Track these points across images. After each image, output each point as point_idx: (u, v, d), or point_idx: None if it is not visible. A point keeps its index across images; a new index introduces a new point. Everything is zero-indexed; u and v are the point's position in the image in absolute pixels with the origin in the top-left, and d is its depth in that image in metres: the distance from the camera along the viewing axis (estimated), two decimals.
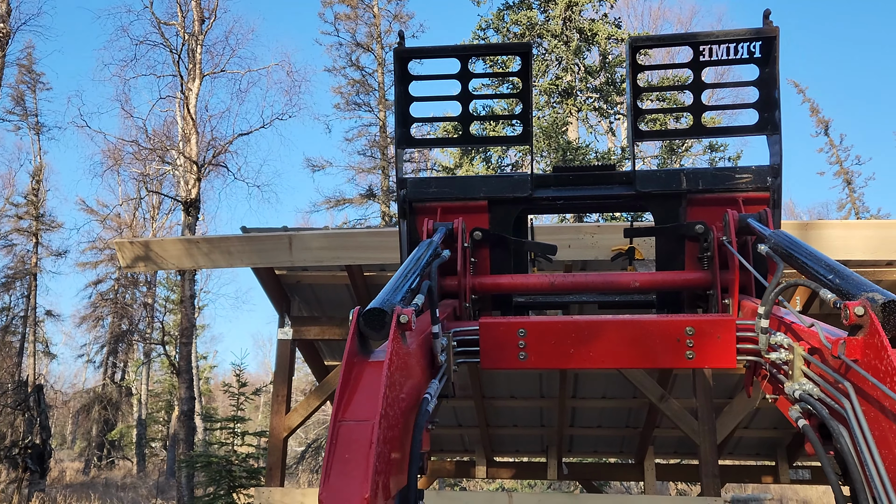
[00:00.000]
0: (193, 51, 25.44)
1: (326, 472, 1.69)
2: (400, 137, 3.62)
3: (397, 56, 3.55)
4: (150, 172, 28.97)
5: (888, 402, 1.64)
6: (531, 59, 3.58)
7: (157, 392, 38.08)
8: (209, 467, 14.66)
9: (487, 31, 28.39)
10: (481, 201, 3.54)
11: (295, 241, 6.59)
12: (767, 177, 3.35)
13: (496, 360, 2.70)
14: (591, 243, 6.45)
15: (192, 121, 24.36)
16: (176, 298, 31.61)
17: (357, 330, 2.01)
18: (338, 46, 33.31)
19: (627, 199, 3.57)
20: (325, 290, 7.92)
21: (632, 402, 10.32)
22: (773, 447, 11.38)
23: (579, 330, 2.64)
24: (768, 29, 3.25)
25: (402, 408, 1.99)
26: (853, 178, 36.40)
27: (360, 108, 33.58)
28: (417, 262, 2.70)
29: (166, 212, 34.11)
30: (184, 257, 6.78)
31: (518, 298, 3.80)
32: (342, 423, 1.79)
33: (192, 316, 23.18)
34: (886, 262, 6.88)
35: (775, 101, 3.32)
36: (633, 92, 3.51)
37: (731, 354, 2.55)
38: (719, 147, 28.43)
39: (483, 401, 10.31)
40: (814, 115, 37.24)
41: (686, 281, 3.35)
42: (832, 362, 1.92)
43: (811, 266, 2.31)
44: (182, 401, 21.77)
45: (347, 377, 1.90)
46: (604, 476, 13.03)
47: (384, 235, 6.68)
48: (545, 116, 27.74)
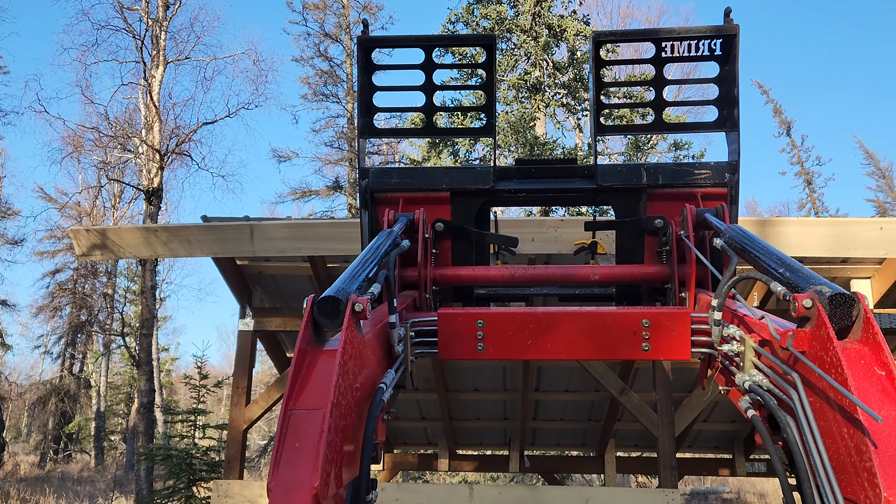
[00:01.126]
0: (157, 37, 24.94)
1: (276, 462, 1.67)
2: (363, 127, 3.60)
3: (361, 45, 3.52)
4: (111, 160, 28.35)
5: (833, 392, 1.67)
6: (496, 51, 3.57)
7: (117, 384, 37.40)
8: (169, 460, 14.43)
9: (457, 24, 28.37)
10: (443, 192, 3.53)
11: (256, 231, 6.51)
12: (725, 173, 3.40)
13: (454, 351, 2.70)
14: (554, 237, 6.49)
15: (156, 108, 23.91)
16: (137, 289, 31.05)
17: (311, 318, 1.99)
18: (306, 36, 33.00)
19: (588, 193, 3.59)
20: (288, 281, 7.84)
21: (594, 395, 10.43)
22: (730, 440, 11.61)
23: (537, 321, 2.65)
24: (728, 27, 3.29)
25: (356, 397, 1.97)
26: (813, 178, 37.27)
27: (327, 98, 33.33)
28: (376, 251, 2.68)
29: (128, 201, 33.46)
30: (141, 246, 6.64)
31: (479, 290, 3.80)
32: (293, 412, 1.77)
33: (153, 307, 22.80)
34: (841, 259, 7.04)
35: (734, 99, 3.37)
36: (596, 86, 3.53)
37: (686, 347, 2.58)
38: (684, 145, 28.85)
39: (446, 394, 10.32)
40: (777, 115, 38.03)
41: (645, 274, 3.39)
42: (781, 354, 1.95)
43: (763, 260, 2.35)
44: (142, 393, 21.41)
45: (300, 366, 1.87)
46: (565, 469, 13.16)
47: (347, 226, 6.63)
48: (513, 111, 27.84)
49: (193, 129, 26.40)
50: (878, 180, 37.96)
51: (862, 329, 1.80)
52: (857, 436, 1.57)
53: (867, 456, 1.52)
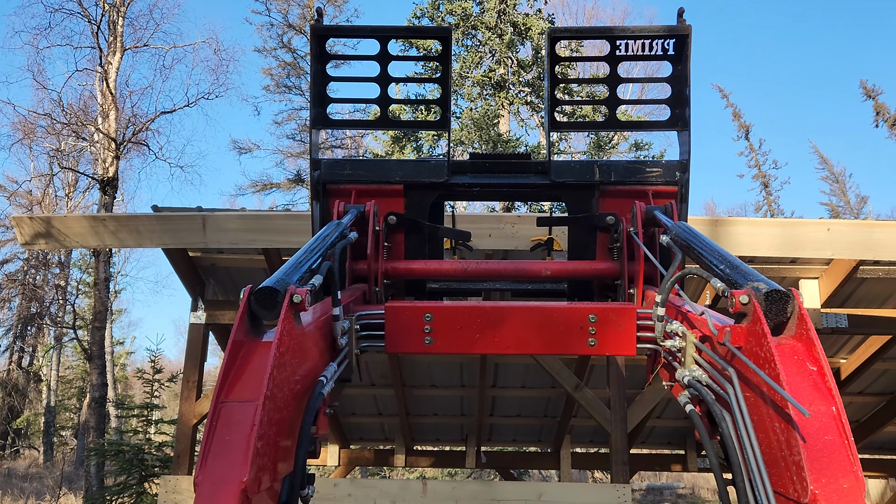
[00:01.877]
0: (114, 23, 24.32)
1: (204, 455, 1.62)
2: (315, 117, 3.55)
3: (314, 33, 3.47)
4: (64, 148, 27.59)
5: (766, 387, 1.69)
6: (451, 43, 3.55)
7: (69, 378, 36.46)
8: (120, 456, 14.14)
9: (423, 19, 28.26)
10: (397, 185, 3.50)
11: (209, 222, 6.38)
12: (676, 171, 3.44)
13: (401, 345, 2.68)
14: (511, 233, 6.50)
15: (112, 96, 23.33)
16: (90, 281, 30.31)
17: (248, 309, 1.94)
18: (269, 27, 32.48)
19: (542, 189, 3.60)
20: (242, 274, 7.72)
21: (550, 391, 10.51)
22: (683, 436, 11.81)
23: (485, 315, 2.64)
24: (681, 27, 3.32)
25: (294, 390, 1.93)
26: (770, 181, 38.09)
27: (290, 91, 32.88)
28: (322, 242, 2.64)
29: (82, 190, 32.60)
30: (88, 235, 6.46)
31: (432, 285, 3.78)
32: (224, 405, 1.72)
33: (106, 299, 22.28)
34: (790, 260, 7.19)
35: (686, 99, 3.40)
36: (551, 82, 3.53)
37: (631, 342, 2.60)
38: (645, 146, 29.24)
39: (403, 389, 10.29)
40: (736, 119, 38.75)
41: (595, 270, 3.41)
42: (720, 349, 1.97)
43: (706, 257, 2.37)
44: (94, 387, 20.91)
45: (233, 357, 1.83)
46: (521, 464, 13.25)
47: (302, 219, 6.54)
48: (477, 108, 27.88)
49: (151, 119, 25.82)
50: (832, 185, 39.03)
51: (796, 325, 1.83)
52: (787, 430, 1.59)
53: (796, 450, 1.54)
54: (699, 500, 27.96)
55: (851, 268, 7.01)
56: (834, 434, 1.58)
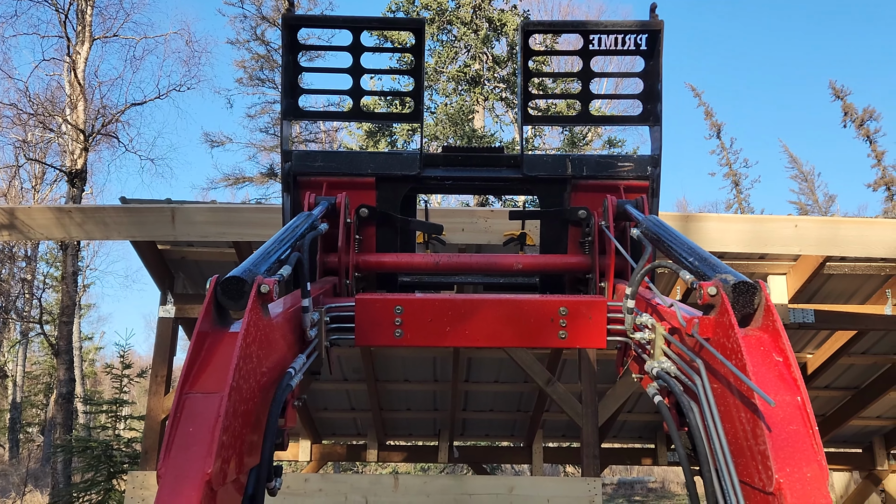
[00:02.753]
0: (83, 12, 23.85)
1: (167, 447, 1.59)
2: (287, 108, 3.51)
3: (286, 23, 3.43)
4: (31, 139, 27.02)
5: (733, 378, 1.70)
6: (424, 35, 3.52)
7: (35, 374, 35.81)
8: (88, 452, 13.91)
9: (397, 13, 28.14)
10: (368, 178, 3.47)
11: (178, 215, 6.29)
12: (648, 166, 3.45)
13: (371, 337, 2.66)
14: (484, 227, 6.50)
15: (80, 86, 22.89)
16: (58, 275, 29.76)
17: (214, 299, 1.91)
18: (242, 18, 32.09)
19: (514, 182, 3.59)
20: (212, 268, 7.62)
21: (522, 386, 10.55)
22: (653, 430, 11.94)
23: (456, 308, 2.63)
24: (654, 22, 3.33)
25: (261, 382, 1.90)
26: (741, 179, 38.59)
27: (263, 84, 32.53)
28: (292, 233, 2.61)
29: (50, 182, 31.97)
30: (53, 227, 6.33)
31: (404, 278, 3.76)
32: (188, 396, 1.69)
33: (74, 294, 21.89)
34: (759, 255, 7.30)
35: (657, 94, 3.41)
36: (524, 76, 3.53)
37: (602, 335, 2.61)
38: (618, 142, 29.47)
39: (376, 384, 10.26)
40: (708, 118, 39.18)
41: (567, 264, 3.41)
42: (688, 341, 1.98)
43: (675, 249, 2.39)
44: (60, 383, 20.54)
45: (199, 348, 1.79)
46: (494, 459, 13.30)
47: (273, 212, 6.48)
48: (452, 103, 27.86)
49: (121, 110, 25.41)
50: (801, 183, 39.66)
51: (763, 317, 1.84)
52: (753, 420, 1.60)
53: (762, 439, 1.56)
54: (669, 493, 28.36)
55: (818, 264, 7.14)
56: (799, 424, 1.59)
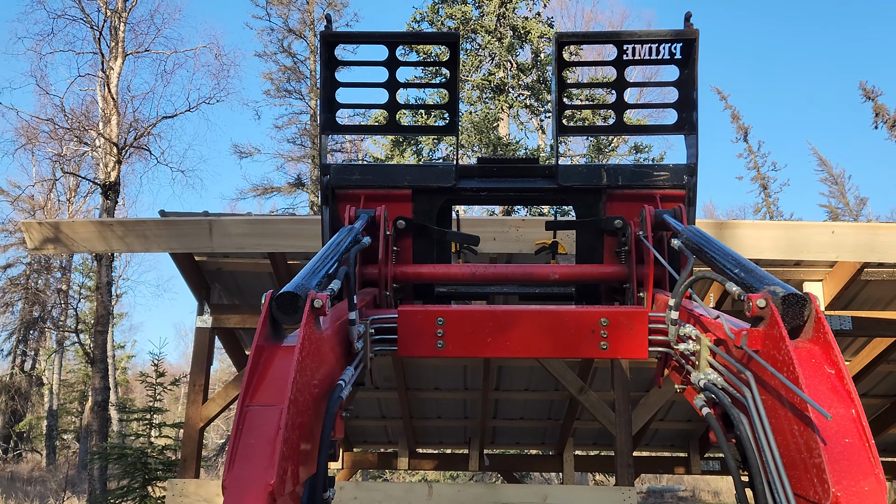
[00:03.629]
0: (116, 28, 24.38)
1: (231, 458, 1.64)
2: (325, 123, 3.57)
3: (324, 40, 3.49)
4: (66, 153, 27.61)
5: (785, 390, 1.70)
6: (459, 49, 3.57)
7: (71, 382, 36.45)
8: (123, 459, 14.14)
9: (422, 23, 28.31)
10: (405, 190, 3.52)
11: (215, 227, 6.41)
12: (684, 175, 3.45)
13: (413, 348, 2.69)
14: (515, 237, 6.51)
15: (113, 101, 23.37)
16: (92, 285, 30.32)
17: (269, 314, 1.96)
18: (269, 31, 32.57)
19: (549, 193, 3.61)
20: (247, 278, 7.74)
21: (553, 394, 10.52)
22: (686, 439, 11.82)
23: (497, 319, 2.65)
24: (688, 31, 3.34)
25: (314, 394, 1.95)
26: (769, 183, 38.12)
27: (290, 95, 32.97)
28: (336, 247, 2.66)
29: (84, 195, 32.62)
30: (96, 240, 6.48)
31: (440, 288, 3.80)
32: (249, 408, 1.74)
33: (108, 303, 22.29)
34: (794, 262, 7.22)
35: (693, 102, 3.42)
36: (559, 87, 3.55)
37: (643, 345, 2.61)
38: (644, 148, 29.27)
39: (407, 392, 10.30)
40: (734, 121, 38.79)
41: (604, 274, 3.42)
42: (735, 353, 1.99)
43: (719, 260, 2.39)
44: (96, 391, 20.91)
45: (257, 362, 1.85)
46: (524, 467, 13.26)
47: (307, 223, 6.57)
48: (477, 111, 27.91)
49: (153, 123, 25.87)
50: (831, 186, 39.03)
51: (813, 329, 1.84)
52: (807, 433, 1.61)
53: (817, 452, 1.56)
54: (700, 502, 27.95)
55: (855, 270, 7.03)
56: (854, 437, 1.59)
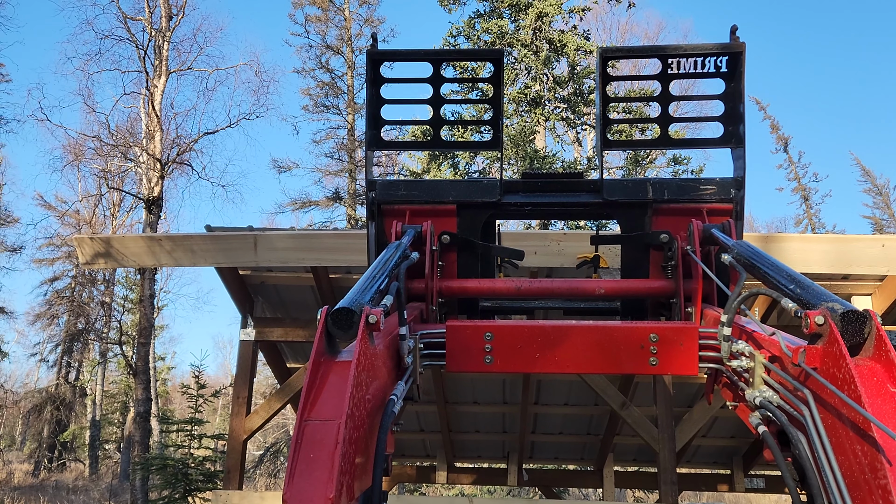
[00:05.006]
0: (160, 47, 25.05)
1: (291, 472, 1.67)
2: (370, 139, 3.62)
3: (370, 58, 3.55)
4: (111, 169, 28.37)
5: (845, 409, 1.68)
6: (503, 65, 3.60)
7: (113, 393, 37.21)
8: (165, 470, 14.36)
9: (458, 38, 28.51)
10: (450, 205, 3.54)
11: (260, 242, 6.52)
12: (731, 189, 3.42)
13: (462, 363, 2.70)
14: (556, 250, 6.50)
15: (157, 118, 23.97)
16: (135, 298, 30.96)
17: (325, 329, 1.99)
18: (307, 48, 33.14)
19: (594, 207, 3.61)
20: (290, 292, 7.84)
21: (593, 409, 10.41)
22: (729, 456, 11.58)
23: (545, 335, 2.65)
24: (735, 45, 3.32)
25: (367, 409, 1.98)
26: (810, 194, 37.35)
27: (328, 110, 33.42)
28: (386, 263, 2.69)
29: (127, 209, 33.44)
30: (145, 255, 6.65)
31: (484, 303, 3.81)
32: (308, 423, 1.77)
33: (150, 316, 22.76)
34: (842, 276, 7.06)
35: (740, 115, 3.39)
36: (603, 102, 3.55)
37: (694, 362, 2.58)
38: (683, 160, 28.94)
39: (446, 406, 10.29)
40: (774, 131, 38.16)
41: (650, 289, 3.39)
42: (792, 370, 1.96)
43: (773, 276, 2.36)
44: (138, 402, 21.32)
45: (314, 377, 1.88)
46: (563, 483, 13.10)
47: (350, 237, 6.64)
48: (513, 125, 27.92)
49: (194, 139, 26.47)
50: (875, 197, 38.07)
51: (874, 346, 1.81)
52: (871, 453, 1.58)
53: (882, 473, 1.53)
54: None
55: None
56: None
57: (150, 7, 25.21)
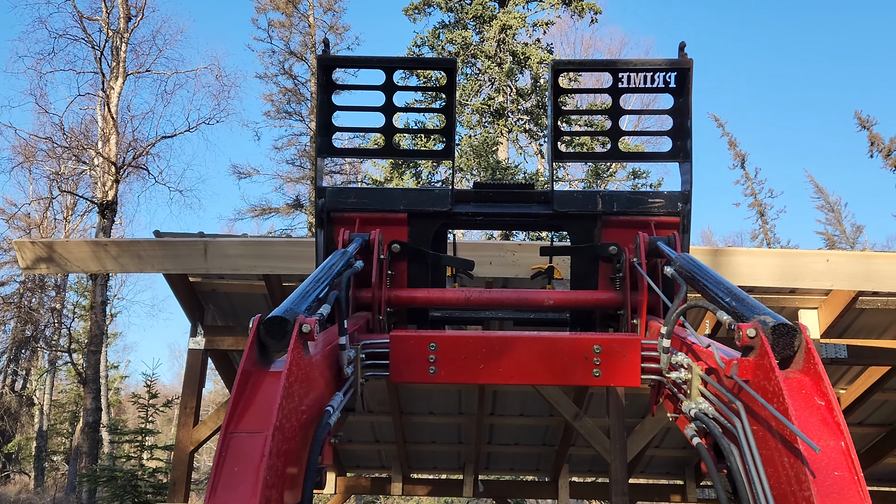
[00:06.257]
0: (118, 48, 24.58)
1: (213, 486, 1.62)
2: (321, 146, 3.57)
3: (321, 64, 3.51)
4: (64, 172, 27.68)
5: (775, 422, 1.69)
6: (456, 75, 3.59)
7: (62, 402, 36.13)
8: (113, 482, 14.01)
9: (423, 47, 28.61)
10: (401, 214, 3.51)
11: (211, 248, 6.39)
12: (678, 202, 3.46)
13: (406, 374, 2.67)
14: (512, 261, 6.51)
15: (113, 120, 23.48)
16: (87, 304, 30.19)
17: (257, 339, 1.94)
18: (270, 53, 32.89)
19: (545, 219, 3.61)
20: (242, 300, 7.70)
21: (548, 420, 10.45)
22: (681, 466, 11.72)
23: (490, 345, 2.64)
24: (683, 60, 3.37)
25: (301, 420, 1.93)
26: (766, 209, 38.27)
27: (290, 116, 33.20)
28: (329, 271, 2.65)
29: (81, 214, 32.65)
30: (90, 260, 6.46)
31: (434, 313, 3.78)
32: (233, 435, 1.72)
33: (102, 323, 22.20)
34: (790, 290, 7.21)
35: (687, 130, 3.43)
36: (555, 114, 3.57)
37: (636, 373, 2.59)
38: (642, 174, 29.43)
39: (401, 416, 10.23)
40: (732, 148, 39.04)
41: (598, 300, 3.41)
42: (726, 382, 1.97)
43: (711, 289, 2.38)
44: (87, 412, 20.75)
45: (243, 387, 1.82)
46: (519, 494, 13.13)
47: (303, 245, 6.56)
48: (476, 135, 28.09)
49: (152, 143, 25.98)
50: (828, 213, 39.19)
51: (804, 359, 1.83)
52: (797, 465, 1.59)
53: (806, 485, 1.54)
54: None
55: (850, 298, 7.03)
56: (844, 469, 1.58)
57: (107, 7, 24.73)
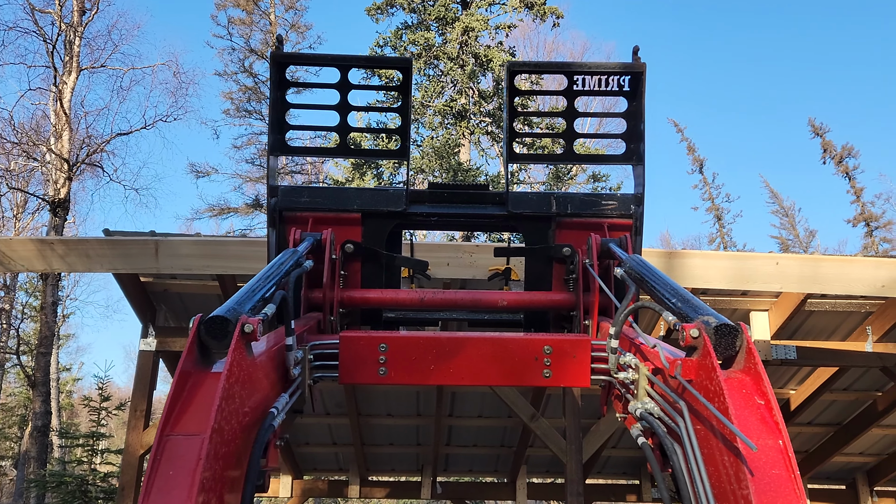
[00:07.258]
0: (71, 42, 23.95)
1: (147, 490, 1.57)
2: (273, 144, 3.52)
3: (274, 60, 3.47)
4: (14, 168, 26.86)
5: (716, 421, 1.71)
6: (412, 74, 3.57)
7: (10, 406, 35.06)
8: (62, 487, 13.64)
9: (385, 48, 28.52)
10: (354, 213, 3.48)
11: (162, 247, 6.26)
12: (631, 205, 3.49)
13: (355, 375, 2.64)
14: (469, 262, 6.52)
15: (66, 116, 22.88)
16: (37, 304, 29.35)
17: (197, 339, 1.89)
18: (230, 51, 32.40)
19: (499, 219, 3.62)
20: (195, 300, 7.56)
21: (506, 420, 10.48)
22: (637, 466, 11.88)
23: (440, 346, 2.63)
24: (636, 64, 3.40)
25: (243, 422, 1.89)
26: (723, 214, 39.03)
27: (250, 115, 32.74)
28: (277, 270, 2.60)
29: (32, 212, 31.72)
30: (35, 259, 6.27)
31: (388, 314, 3.76)
32: (169, 438, 1.67)
33: (53, 324, 21.61)
34: (742, 292, 7.36)
35: (640, 134, 3.46)
36: (510, 115, 3.58)
37: (586, 374, 2.61)
38: (602, 177, 29.80)
39: (359, 418, 10.16)
40: (690, 153, 39.73)
41: (551, 301, 3.42)
42: (671, 382, 1.99)
43: (659, 290, 2.40)
44: (36, 415, 20.16)
45: (180, 389, 1.78)
46: (477, 495, 13.15)
47: (257, 245, 6.47)
48: (438, 137, 28.12)
49: (106, 140, 25.36)
50: (782, 218, 40.16)
51: (745, 359, 1.86)
52: (736, 463, 1.61)
53: (744, 483, 1.56)
54: None
55: (800, 300, 7.20)
56: (781, 468, 1.60)
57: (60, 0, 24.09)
